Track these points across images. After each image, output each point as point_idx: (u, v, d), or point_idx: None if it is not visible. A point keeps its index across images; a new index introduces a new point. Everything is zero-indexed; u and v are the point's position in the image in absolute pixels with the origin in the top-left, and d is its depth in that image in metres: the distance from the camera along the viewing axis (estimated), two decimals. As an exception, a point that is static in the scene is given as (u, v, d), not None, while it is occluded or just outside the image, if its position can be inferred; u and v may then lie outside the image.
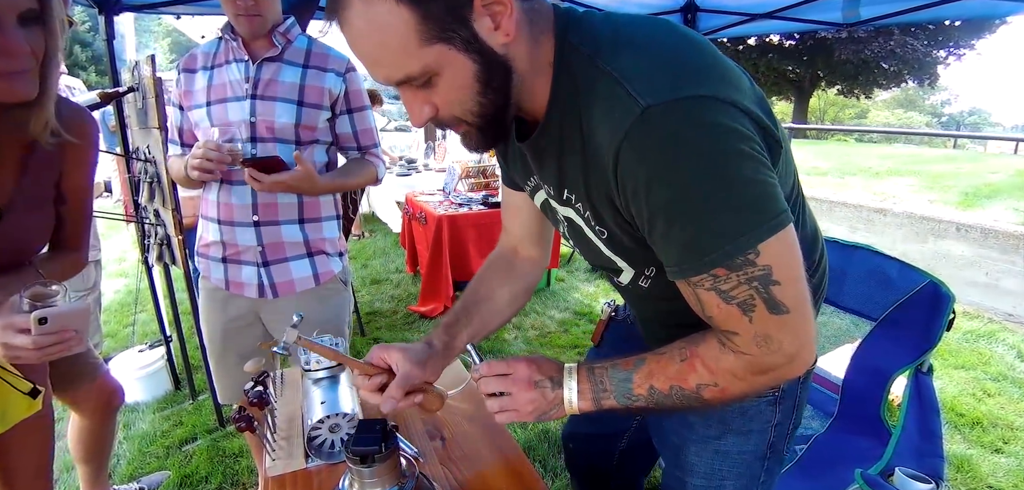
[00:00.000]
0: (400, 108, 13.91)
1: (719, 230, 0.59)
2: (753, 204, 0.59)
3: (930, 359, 1.60)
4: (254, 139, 1.37)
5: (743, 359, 0.66)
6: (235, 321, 1.51)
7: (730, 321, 0.65)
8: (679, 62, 0.60)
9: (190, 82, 1.41)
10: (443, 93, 0.63)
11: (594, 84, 0.63)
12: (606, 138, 0.61)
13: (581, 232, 0.78)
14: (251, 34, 1.34)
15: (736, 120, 0.58)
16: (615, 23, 0.66)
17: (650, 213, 0.61)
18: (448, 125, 0.68)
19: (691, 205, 0.59)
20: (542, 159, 0.75)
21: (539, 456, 2.24)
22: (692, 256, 0.61)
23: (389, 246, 5.37)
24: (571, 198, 0.74)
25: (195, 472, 2.13)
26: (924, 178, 6.99)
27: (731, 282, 0.61)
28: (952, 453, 2.26)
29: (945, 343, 3.26)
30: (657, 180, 0.59)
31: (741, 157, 0.58)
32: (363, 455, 0.69)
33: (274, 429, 1.01)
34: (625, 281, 0.83)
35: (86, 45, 16.55)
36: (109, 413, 1.71)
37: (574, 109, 0.65)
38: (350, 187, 1.54)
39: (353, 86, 1.46)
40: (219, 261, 1.47)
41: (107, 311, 3.79)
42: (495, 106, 0.65)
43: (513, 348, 3.22)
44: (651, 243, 0.66)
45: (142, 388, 2.66)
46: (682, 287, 0.67)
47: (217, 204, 1.42)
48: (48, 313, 0.82)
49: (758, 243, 0.59)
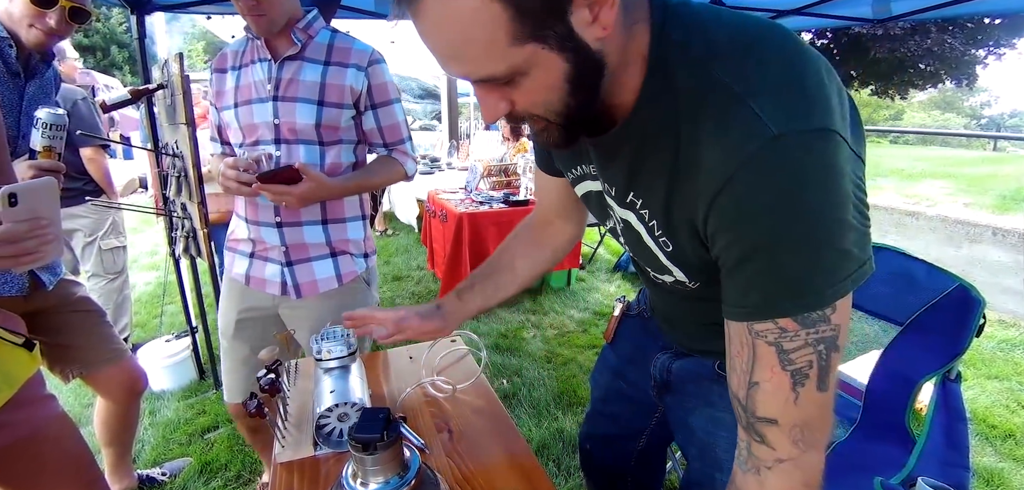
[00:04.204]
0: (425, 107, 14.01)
1: (819, 278, 0.55)
2: (852, 253, 0.55)
3: (959, 366, 1.55)
4: (278, 141, 1.35)
5: (782, 479, 0.60)
6: (249, 312, 1.51)
7: (774, 398, 0.59)
8: (805, 84, 0.55)
9: (221, 82, 1.41)
10: (527, 93, 0.57)
11: (706, 94, 0.56)
12: (717, 157, 0.55)
13: (638, 237, 0.73)
14: (262, 32, 1.30)
15: (853, 163, 0.55)
16: (727, 23, 0.59)
17: (747, 248, 0.56)
18: (522, 121, 0.62)
19: (799, 247, 0.54)
20: (612, 157, 0.70)
21: (553, 455, 2.23)
22: (773, 302, 0.57)
23: (411, 243, 5.42)
24: (636, 203, 0.70)
25: (215, 460, 2.18)
26: (960, 181, 6.75)
27: (797, 341, 0.57)
28: (983, 466, 2.18)
29: (978, 352, 3.14)
30: (768, 213, 0.54)
31: (853, 203, 0.55)
32: (365, 442, 0.69)
33: (285, 417, 1.03)
34: (668, 281, 0.79)
35: (123, 46, 17.06)
36: (133, 397, 1.77)
37: (670, 114, 0.59)
38: (374, 187, 1.49)
39: (376, 80, 1.38)
40: (246, 256, 1.49)
41: (138, 302, 3.91)
42: (583, 106, 0.59)
43: (531, 347, 3.21)
44: (724, 278, 0.61)
45: (168, 377, 2.74)
46: (736, 333, 0.62)
47: (245, 203, 1.43)
48: (16, 188, 0.79)
49: (844, 295, 0.56)
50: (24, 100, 1.40)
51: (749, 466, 0.64)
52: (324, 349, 1.06)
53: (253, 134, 1.37)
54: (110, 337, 1.65)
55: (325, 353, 1.05)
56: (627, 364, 1.16)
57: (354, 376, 1.05)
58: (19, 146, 1.38)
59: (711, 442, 0.94)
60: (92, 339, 1.59)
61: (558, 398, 2.67)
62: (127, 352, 1.70)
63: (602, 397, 1.24)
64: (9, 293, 1.34)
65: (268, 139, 1.36)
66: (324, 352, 1.05)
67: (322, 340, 1.08)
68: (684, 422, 1.01)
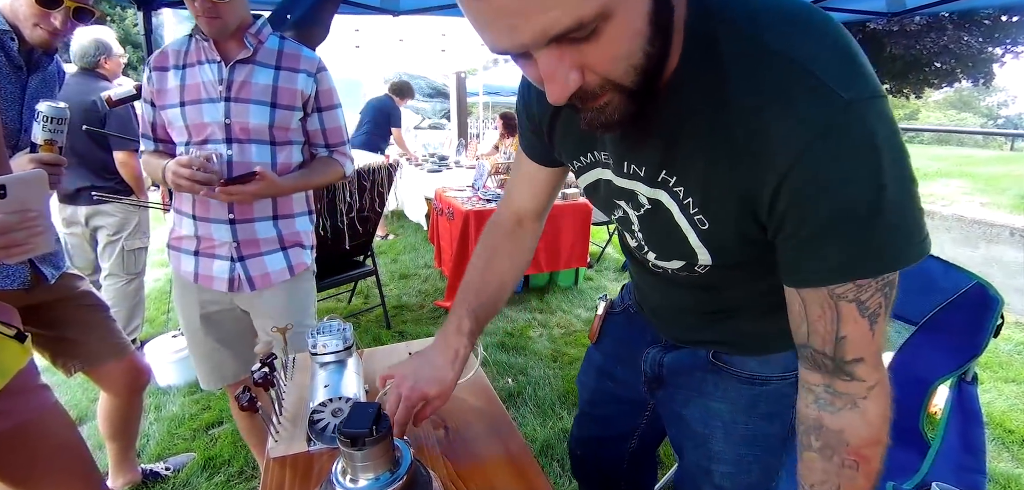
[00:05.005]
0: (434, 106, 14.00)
1: (900, 241, 0.57)
2: (921, 215, 0.58)
3: (975, 367, 1.50)
4: (229, 140, 1.41)
5: (878, 401, 0.64)
6: (209, 306, 1.57)
7: (860, 341, 0.62)
8: (857, 53, 0.55)
9: (162, 80, 1.44)
10: (608, 44, 0.50)
11: (760, 63, 0.55)
12: (788, 129, 0.54)
13: (668, 219, 0.71)
14: (214, 35, 1.36)
15: None
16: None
17: (829, 217, 0.56)
18: (588, 98, 0.55)
19: (883, 212, 0.55)
20: (645, 135, 0.66)
21: (557, 455, 2.21)
22: (858, 266, 0.58)
23: (419, 242, 5.42)
24: (669, 180, 0.67)
25: (219, 455, 2.18)
26: (976, 180, 6.62)
27: (870, 290, 0.59)
28: (999, 471, 2.13)
29: (995, 354, 3.07)
30: (850, 183, 0.54)
31: (910, 166, 0.57)
32: (353, 437, 0.67)
33: (280, 411, 1.01)
34: (672, 268, 0.78)
35: (137, 46, 17.27)
36: (135, 392, 1.77)
37: (716, 86, 0.57)
38: (315, 185, 1.58)
39: (324, 85, 1.49)
40: (191, 254, 1.52)
41: (147, 298, 3.94)
42: (657, 58, 0.53)
43: (537, 346, 3.19)
44: (794, 245, 0.61)
45: (175, 372, 2.75)
46: (814, 298, 0.62)
47: (193, 201, 1.46)
48: (5, 180, 0.80)
49: (919, 258, 0.58)
50: (26, 93, 1.39)
51: (840, 405, 0.66)
52: (319, 343, 1.04)
53: (202, 133, 1.41)
54: (113, 332, 1.64)
55: (320, 347, 1.04)
56: (615, 363, 1.13)
57: (349, 371, 1.03)
58: (21, 139, 1.38)
59: (707, 433, 0.93)
60: (94, 334, 1.59)
61: (563, 397, 2.64)
62: (129, 347, 1.70)
63: (590, 400, 1.21)
64: (11, 287, 1.35)
65: (219, 138, 1.41)
66: (319, 346, 1.04)
67: (318, 334, 1.06)
68: (678, 415, 0.98)
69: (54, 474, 1.11)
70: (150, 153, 1.52)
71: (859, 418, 0.65)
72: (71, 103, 1.38)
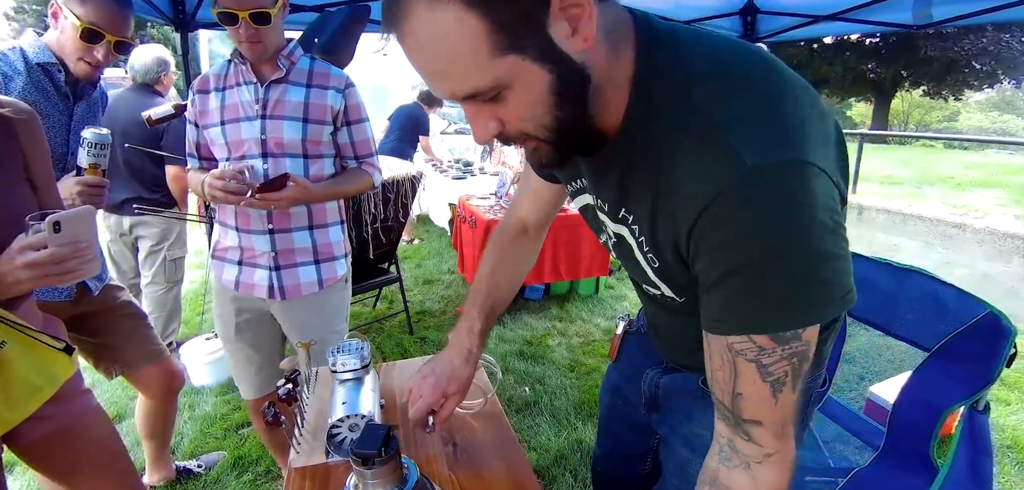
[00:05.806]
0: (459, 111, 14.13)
1: (794, 303, 0.58)
2: (829, 281, 0.58)
3: (987, 396, 1.49)
4: (265, 155, 1.51)
5: (772, 471, 0.65)
6: (244, 315, 1.67)
7: (759, 404, 0.63)
8: (782, 114, 0.57)
9: (204, 103, 1.55)
10: (513, 107, 0.58)
11: (687, 121, 0.59)
12: (695, 188, 0.58)
13: (630, 251, 0.76)
14: (254, 58, 1.47)
15: (829, 192, 0.57)
16: (708, 47, 0.62)
17: (724, 271, 0.59)
18: (515, 141, 0.63)
19: (774, 274, 0.57)
20: (603, 176, 0.72)
21: (570, 466, 2.25)
22: (750, 322, 0.60)
23: (443, 247, 5.50)
24: (628, 218, 0.73)
25: (247, 455, 2.28)
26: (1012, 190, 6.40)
27: (774, 356, 0.60)
28: (1022, 495, 2.09)
29: (1021, 375, 3.00)
30: (745, 242, 0.57)
31: (829, 231, 0.57)
32: (364, 457, 0.74)
33: (302, 425, 1.09)
34: (658, 295, 0.82)
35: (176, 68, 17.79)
36: (171, 394, 1.89)
37: (653, 138, 0.62)
38: (345, 194, 1.67)
39: (352, 101, 1.59)
40: (235, 264, 1.62)
41: (184, 300, 4.11)
42: (572, 120, 0.60)
43: (556, 355, 3.23)
44: (703, 295, 0.64)
45: (208, 373, 2.87)
46: (716, 347, 0.65)
47: (235, 213, 1.56)
48: (60, 216, 0.89)
49: (818, 322, 0.59)
50: (73, 120, 1.51)
51: (736, 462, 0.67)
52: (338, 361, 1.11)
53: (240, 149, 1.52)
54: (150, 339, 1.76)
55: (339, 365, 1.11)
56: (626, 383, 1.16)
57: (366, 388, 1.10)
58: (68, 162, 1.50)
59: (687, 458, 0.94)
60: (133, 340, 1.71)
61: (579, 408, 2.68)
62: (165, 353, 1.81)
63: (606, 417, 1.25)
64: (59, 299, 1.48)
65: (255, 153, 1.51)
66: (338, 364, 1.11)
67: (337, 353, 1.13)
68: (665, 439, 1.01)
69: (94, 471, 1.22)
70: (194, 170, 1.64)
71: (749, 482, 0.66)
72: (129, 116, 1.48)
